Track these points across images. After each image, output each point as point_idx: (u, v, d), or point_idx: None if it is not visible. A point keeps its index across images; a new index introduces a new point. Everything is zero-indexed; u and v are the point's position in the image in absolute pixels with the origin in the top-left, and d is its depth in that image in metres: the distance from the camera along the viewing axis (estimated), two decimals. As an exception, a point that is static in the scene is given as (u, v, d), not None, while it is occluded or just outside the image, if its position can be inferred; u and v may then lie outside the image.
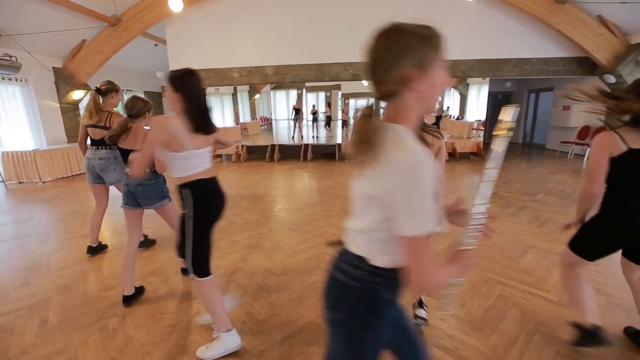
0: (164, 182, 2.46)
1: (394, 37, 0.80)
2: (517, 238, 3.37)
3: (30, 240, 3.62)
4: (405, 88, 0.79)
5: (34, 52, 7.24)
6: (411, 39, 0.78)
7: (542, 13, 7.06)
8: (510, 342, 1.86)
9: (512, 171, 6.81)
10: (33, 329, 2.07)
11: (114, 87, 3.03)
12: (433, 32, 0.82)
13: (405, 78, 0.78)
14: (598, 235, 1.68)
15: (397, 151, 0.76)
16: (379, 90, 0.84)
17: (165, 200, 2.46)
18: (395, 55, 0.78)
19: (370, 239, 0.89)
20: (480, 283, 2.51)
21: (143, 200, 2.32)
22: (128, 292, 2.32)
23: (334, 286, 0.97)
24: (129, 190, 2.30)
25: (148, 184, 2.31)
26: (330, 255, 2.92)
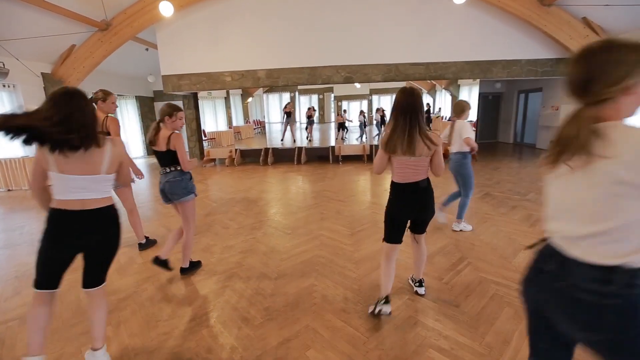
0: (189, 179, 2.63)
1: (619, 52, 0.87)
2: (509, 237, 3.42)
3: (20, 249, 3.56)
4: (624, 94, 0.86)
5: (22, 58, 7.14)
6: (636, 53, 0.86)
7: (529, 15, 7.20)
8: (505, 341, 1.89)
9: (503, 171, 6.91)
10: (23, 339, 2.03)
11: (101, 95, 3.08)
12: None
13: (627, 87, 0.85)
14: None
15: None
16: (592, 98, 0.89)
17: (191, 196, 2.64)
18: (623, 69, 0.85)
19: (629, 238, 0.82)
20: (475, 283, 2.54)
21: (171, 195, 2.59)
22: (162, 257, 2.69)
23: (583, 309, 0.88)
24: (161, 189, 2.62)
25: (174, 181, 2.54)
26: (325, 259, 2.93)
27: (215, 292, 2.54)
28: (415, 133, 1.88)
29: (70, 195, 1.56)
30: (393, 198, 2.10)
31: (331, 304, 2.32)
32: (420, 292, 2.36)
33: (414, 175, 1.99)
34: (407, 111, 1.88)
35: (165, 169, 2.57)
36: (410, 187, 2.01)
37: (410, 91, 1.90)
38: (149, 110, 12.40)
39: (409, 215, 2.10)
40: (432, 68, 8.27)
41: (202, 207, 4.96)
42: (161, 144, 2.49)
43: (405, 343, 1.90)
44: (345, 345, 1.90)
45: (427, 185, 2.04)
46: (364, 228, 3.82)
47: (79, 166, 1.54)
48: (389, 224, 2.14)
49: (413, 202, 2.04)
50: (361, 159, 9.06)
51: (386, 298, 2.11)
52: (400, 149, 1.91)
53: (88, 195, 1.59)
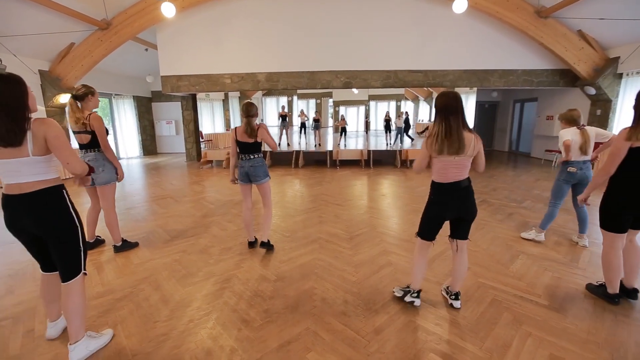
0: (267, 165, 3.13)
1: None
2: (506, 244, 3.44)
3: (13, 247, 3.49)
4: None
5: (20, 55, 7.08)
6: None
7: (526, 27, 7.33)
8: (505, 346, 1.89)
9: (499, 179, 6.97)
10: (18, 339, 1.99)
11: (89, 89, 2.98)
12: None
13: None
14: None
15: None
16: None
17: (267, 178, 3.15)
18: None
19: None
20: (473, 288, 2.55)
21: (254, 177, 3.08)
22: (251, 239, 3.37)
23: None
24: (244, 171, 3.07)
25: (259, 165, 3.06)
26: (324, 262, 2.93)
27: (213, 293, 2.51)
28: (462, 132, 1.95)
29: (6, 179, 1.61)
30: (434, 198, 2.13)
31: (331, 306, 2.31)
32: (456, 306, 2.26)
33: (457, 175, 2.03)
34: (452, 112, 1.95)
35: (249, 155, 3.06)
36: (452, 186, 2.05)
37: (453, 94, 1.99)
38: (146, 111, 12.34)
39: (450, 215, 2.13)
40: (431, 75, 8.37)
41: (199, 209, 4.92)
42: (252, 136, 2.99)
43: (406, 347, 1.89)
44: (346, 348, 1.89)
45: (468, 184, 2.09)
46: (362, 232, 3.82)
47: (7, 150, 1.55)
48: (426, 221, 2.18)
49: (455, 201, 2.07)
50: (358, 164, 9.09)
51: (418, 292, 2.28)
52: (448, 149, 1.95)
53: (23, 178, 1.60)
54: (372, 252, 3.26)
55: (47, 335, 1.98)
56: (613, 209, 2.19)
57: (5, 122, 1.52)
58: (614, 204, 2.18)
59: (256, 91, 12.80)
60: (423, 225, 2.21)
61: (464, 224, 2.15)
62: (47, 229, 1.67)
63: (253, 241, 3.40)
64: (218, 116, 12.80)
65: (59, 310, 1.99)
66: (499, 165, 8.82)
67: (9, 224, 1.68)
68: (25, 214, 1.64)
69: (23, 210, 1.64)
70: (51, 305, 1.95)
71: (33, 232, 1.69)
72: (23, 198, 1.62)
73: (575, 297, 2.41)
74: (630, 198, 2.11)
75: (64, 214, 1.72)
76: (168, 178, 7.64)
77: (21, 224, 1.67)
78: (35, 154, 1.59)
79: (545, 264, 2.94)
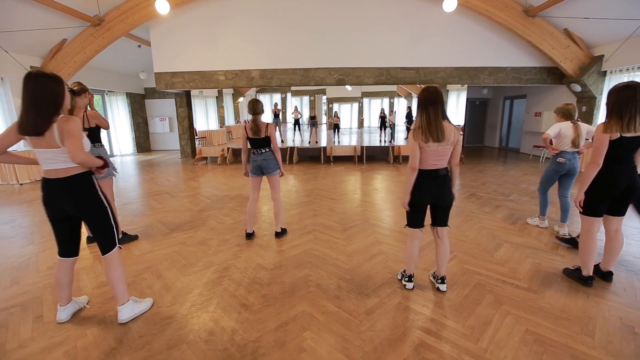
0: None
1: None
2: (492, 234, 3.62)
3: (14, 241, 3.57)
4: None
5: (12, 51, 7.04)
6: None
7: (514, 25, 7.53)
8: (485, 323, 2.06)
9: (489, 173, 7.18)
10: (28, 325, 2.09)
11: (84, 87, 3.06)
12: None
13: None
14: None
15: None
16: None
17: (278, 171, 3.41)
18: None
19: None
20: (459, 274, 2.71)
21: (266, 170, 3.36)
22: (250, 231, 3.55)
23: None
24: (257, 164, 3.33)
25: (270, 158, 3.34)
26: (319, 252, 3.05)
27: (213, 281, 2.63)
28: (441, 122, 2.12)
29: (45, 165, 1.86)
30: (416, 184, 2.26)
31: (325, 292, 2.45)
32: (442, 289, 2.42)
33: (436, 163, 2.19)
34: (433, 103, 2.11)
35: (260, 150, 3.31)
36: (431, 173, 2.21)
37: (433, 89, 2.16)
38: (139, 108, 12.30)
39: (428, 200, 2.28)
40: (422, 72, 8.53)
41: (196, 203, 5.02)
42: (262, 132, 3.22)
43: (395, 325, 2.04)
44: (339, 327, 2.04)
45: (446, 173, 2.26)
46: (355, 224, 3.96)
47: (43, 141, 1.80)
48: (411, 209, 2.33)
49: (432, 187, 2.23)
50: (352, 160, 9.23)
51: (410, 277, 2.48)
52: (432, 136, 2.11)
53: (58, 165, 1.86)
54: (365, 242, 3.40)
55: (58, 319, 2.11)
56: (594, 196, 2.36)
57: (34, 115, 1.72)
58: (595, 192, 2.35)
59: (249, 88, 12.83)
60: (408, 214, 2.37)
61: (442, 211, 2.32)
62: (81, 208, 1.95)
63: (251, 232, 3.56)
64: (212, 113, 12.81)
65: (69, 295, 2.16)
66: (489, 161, 9.04)
67: (46, 202, 1.93)
68: (61, 195, 1.90)
69: (59, 192, 1.89)
70: (63, 289, 2.12)
71: (67, 212, 1.94)
72: (59, 181, 1.88)
73: (552, 280, 2.59)
74: (610, 186, 2.30)
75: (94, 195, 1.98)
76: (163, 174, 7.69)
77: (58, 204, 1.92)
78: (64, 145, 1.81)
79: (527, 252, 3.12)
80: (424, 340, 1.91)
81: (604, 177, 2.30)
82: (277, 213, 3.55)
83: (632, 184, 2.30)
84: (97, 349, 1.87)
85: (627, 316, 2.11)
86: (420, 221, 2.35)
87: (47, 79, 1.74)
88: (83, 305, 2.28)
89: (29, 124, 1.74)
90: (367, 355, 1.80)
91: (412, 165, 2.22)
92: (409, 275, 2.48)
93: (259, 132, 3.22)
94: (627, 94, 2.14)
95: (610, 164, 2.27)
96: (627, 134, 2.16)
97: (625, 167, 2.28)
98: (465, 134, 12.86)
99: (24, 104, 1.73)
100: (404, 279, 2.51)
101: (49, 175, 1.88)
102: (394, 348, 1.85)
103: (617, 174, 2.28)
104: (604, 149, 2.23)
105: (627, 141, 2.19)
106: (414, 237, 2.39)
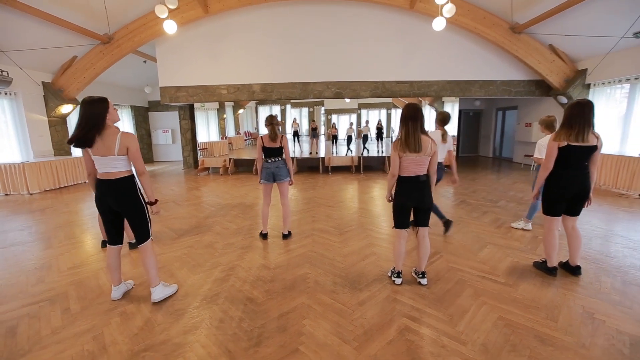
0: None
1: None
2: (478, 237, 3.90)
3: (33, 245, 3.83)
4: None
5: (25, 67, 7.44)
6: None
7: (502, 41, 7.96)
8: (463, 311, 2.32)
9: (480, 182, 7.48)
10: (58, 315, 2.36)
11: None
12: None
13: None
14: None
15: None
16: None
17: (288, 178, 3.77)
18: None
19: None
20: (444, 271, 2.98)
21: (278, 177, 3.72)
22: (265, 231, 3.95)
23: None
24: (270, 172, 3.70)
25: (282, 166, 3.72)
26: (316, 254, 3.35)
27: (221, 279, 2.90)
28: (419, 135, 2.44)
29: (101, 170, 2.31)
30: (399, 189, 2.60)
31: (322, 287, 2.72)
32: (423, 283, 2.70)
33: (416, 170, 2.51)
34: (413, 119, 2.44)
35: (274, 158, 3.70)
36: (413, 179, 2.53)
37: (414, 106, 2.50)
38: (143, 120, 12.68)
39: (411, 203, 2.58)
40: (416, 86, 8.93)
41: (201, 211, 5.30)
42: (278, 142, 3.64)
43: (383, 314, 2.31)
44: (334, 315, 2.30)
45: (426, 179, 2.56)
46: (351, 229, 4.24)
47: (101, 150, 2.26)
48: (396, 211, 2.64)
49: (415, 191, 2.54)
50: (349, 170, 9.55)
51: (398, 273, 2.75)
52: (410, 148, 2.43)
53: (111, 169, 2.30)
54: (359, 244, 3.68)
55: (112, 297, 2.57)
56: (549, 197, 2.68)
57: (87, 129, 2.15)
58: (551, 193, 2.67)
59: (251, 101, 13.22)
60: (395, 217, 2.66)
61: (422, 213, 2.62)
62: (124, 205, 2.36)
63: (266, 233, 3.96)
64: (213, 125, 13.18)
65: (119, 277, 2.59)
66: (482, 170, 9.36)
67: (98, 199, 2.38)
68: (110, 194, 2.32)
69: (109, 191, 2.32)
70: (114, 272, 2.55)
71: (114, 209, 2.37)
72: (110, 182, 2.31)
73: (527, 276, 2.86)
74: (561, 188, 2.64)
75: (135, 195, 2.39)
76: (167, 184, 7.99)
77: (107, 201, 2.35)
78: (118, 154, 2.26)
79: (507, 252, 3.40)
80: (409, 325, 2.18)
81: (556, 181, 2.64)
82: (285, 217, 3.90)
83: (584, 188, 2.63)
84: (121, 334, 2.13)
85: (589, 305, 2.38)
86: (406, 222, 2.64)
87: (96, 103, 2.20)
88: (131, 286, 2.74)
89: (83, 138, 2.18)
90: (358, 337, 2.06)
91: (392, 172, 2.56)
92: (398, 271, 2.75)
93: (275, 140, 3.62)
94: (577, 109, 2.50)
95: (562, 169, 2.61)
96: (576, 143, 2.50)
97: (578, 172, 2.61)
98: (460, 144, 13.24)
99: (78, 123, 2.18)
100: (393, 275, 2.78)
101: (103, 177, 2.30)
102: (381, 332, 2.11)
103: (568, 178, 2.61)
104: (553, 155, 2.58)
105: (576, 150, 2.54)
106: (400, 236, 2.68)
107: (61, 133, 8.60)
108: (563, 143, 2.54)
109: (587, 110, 2.48)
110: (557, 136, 2.58)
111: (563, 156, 2.58)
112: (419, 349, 1.95)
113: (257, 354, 1.92)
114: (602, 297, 2.49)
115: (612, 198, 5.72)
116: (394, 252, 2.74)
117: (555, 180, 2.65)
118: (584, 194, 2.65)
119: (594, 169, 2.64)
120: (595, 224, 4.19)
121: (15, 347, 2.01)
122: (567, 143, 2.53)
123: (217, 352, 1.95)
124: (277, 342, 2.03)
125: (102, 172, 2.30)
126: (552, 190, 2.68)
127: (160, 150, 13.30)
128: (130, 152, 2.31)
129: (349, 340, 2.03)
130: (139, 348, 1.99)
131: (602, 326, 2.13)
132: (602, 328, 2.11)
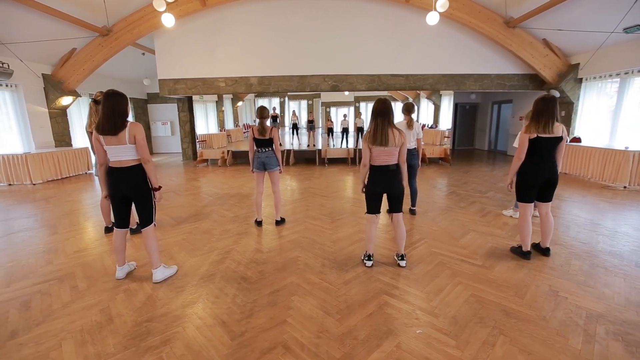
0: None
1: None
2: (462, 225, 4.10)
3: (40, 231, 4.03)
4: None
5: (25, 60, 7.55)
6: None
7: (496, 35, 8.06)
8: (440, 290, 2.53)
9: (472, 174, 7.67)
10: (67, 292, 2.56)
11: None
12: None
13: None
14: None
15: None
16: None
17: (278, 167, 3.96)
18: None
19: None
20: (426, 255, 3.19)
21: (268, 166, 3.91)
22: (259, 219, 4.13)
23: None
24: (261, 161, 3.88)
25: (271, 156, 3.90)
26: (308, 239, 3.56)
27: (217, 261, 3.10)
28: (387, 129, 2.64)
29: (113, 158, 2.52)
30: (371, 177, 2.80)
31: (312, 268, 2.93)
32: (402, 265, 2.92)
33: (386, 160, 2.71)
34: (383, 114, 2.65)
35: (264, 149, 3.86)
36: (383, 168, 2.73)
37: (384, 101, 2.69)
38: (142, 112, 12.80)
39: (381, 190, 2.79)
40: (412, 79, 9.05)
41: (199, 200, 5.49)
42: (267, 133, 3.79)
43: (366, 291, 2.52)
44: (321, 293, 2.51)
45: (396, 168, 2.76)
46: (342, 217, 4.44)
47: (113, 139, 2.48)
48: (367, 197, 2.85)
49: (385, 179, 2.75)
50: (345, 162, 9.72)
51: (369, 256, 2.95)
52: (377, 141, 2.63)
53: (122, 157, 2.50)
54: (349, 231, 3.88)
55: (117, 276, 2.77)
56: (522, 185, 2.89)
57: (114, 120, 2.43)
58: (523, 181, 2.87)
59: (249, 93, 13.30)
60: (367, 203, 2.87)
61: (394, 200, 2.82)
62: (134, 190, 2.56)
63: (260, 221, 4.15)
64: (211, 117, 13.30)
65: (123, 258, 2.79)
66: (476, 163, 9.55)
67: (111, 186, 2.56)
68: (122, 180, 2.53)
69: (121, 178, 2.52)
70: (119, 254, 2.75)
71: (125, 193, 2.58)
72: (122, 170, 2.51)
73: (503, 260, 3.07)
74: (532, 175, 2.85)
75: (145, 181, 2.59)
76: (167, 175, 8.17)
77: (119, 187, 2.55)
78: (129, 143, 2.47)
79: (488, 238, 3.61)
80: (388, 301, 2.39)
81: (527, 169, 2.85)
82: (276, 204, 4.10)
83: (552, 176, 2.84)
84: (126, 308, 2.34)
85: (556, 284, 2.59)
86: (377, 208, 2.85)
87: (119, 96, 2.45)
88: (133, 267, 2.96)
89: (110, 126, 2.41)
90: (341, 311, 2.27)
91: (363, 162, 2.77)
92: (369, 254, 2.95)
93: (264, 133, 3.79)
94: (543, 104, 2.72)
95: (533, 158, 2.82)
96: (544, 134, 2.69)
97: (547, 161, 2.81)
98: (456, 137, 13.40)
99: (105, 113, 2.41)
100: (364, 258, 2.99)
101: (115, 165, 2.50)
102: (362, 306, 2.32)
103: (538, 166, 2.83)
104: (525, 146, 2.79)
105: (544, 140, 2.76)
106: (371, 221, 2.87)
107: (61, 125, 8.74)
108: (533, 135, 2.74)
109: (552, 105, 2.71)
110: (527, 129, 2.79)
111: (533, 147, 2.78)
112: (395, 320, 2.16)
113: (249, 324, 2.13)
114: (569, 277, 2.70)
115: (597, 190, 5.92)
116: (366, 236, 2.94)
117: (526, 169, 2.86)
118: (553, 181, 2.87)
119: (559, 157, 2.87)
120: (575, 214, 4.39)
121: (31, 318, 2.22)
122: (537, 135, 2.72)
123: (213, 322, 2.16)
124: (267, 315, 2.23)
125: (115, 161, 2.50)
126: (524, 178, 2.89)
127: (160, 142, 13.44)
128: (137, 141, 2.50)
129: (333, 314, 2.24)
130: (142, 319, 2.20)
131: (563, 302, 2.34)
132: (563, 304, 2.32)
